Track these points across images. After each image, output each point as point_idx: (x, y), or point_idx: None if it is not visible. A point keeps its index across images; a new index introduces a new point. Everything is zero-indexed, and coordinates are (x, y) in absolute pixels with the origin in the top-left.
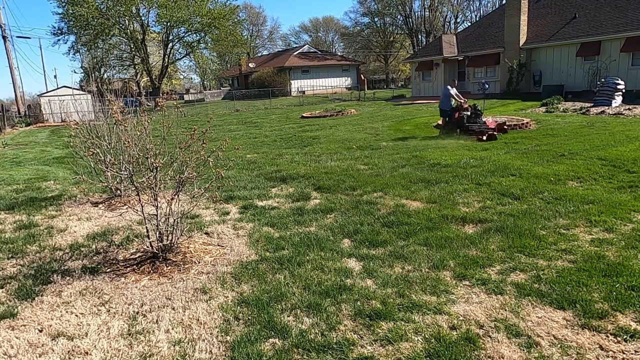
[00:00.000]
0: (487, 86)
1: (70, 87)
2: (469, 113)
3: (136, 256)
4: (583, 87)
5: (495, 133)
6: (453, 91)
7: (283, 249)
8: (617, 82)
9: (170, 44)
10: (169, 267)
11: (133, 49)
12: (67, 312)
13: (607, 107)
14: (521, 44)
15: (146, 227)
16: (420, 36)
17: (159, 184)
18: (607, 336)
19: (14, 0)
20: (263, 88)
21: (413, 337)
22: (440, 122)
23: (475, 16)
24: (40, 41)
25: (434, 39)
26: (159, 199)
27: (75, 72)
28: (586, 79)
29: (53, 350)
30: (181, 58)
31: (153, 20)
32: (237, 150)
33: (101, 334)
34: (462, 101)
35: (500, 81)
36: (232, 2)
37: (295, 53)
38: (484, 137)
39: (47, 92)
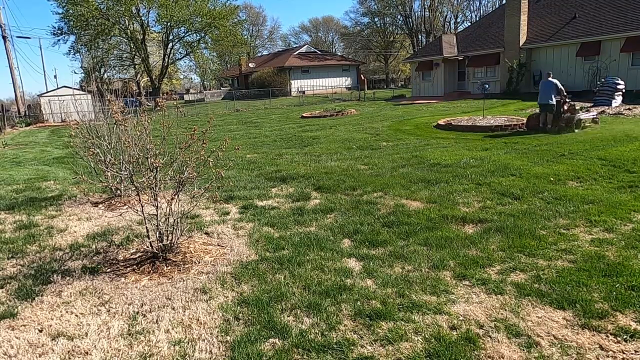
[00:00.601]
0: (487, 86)
1: (71, 87)
2: (575, 105)
3: (136, 256)
4: (583, 87)
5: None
6: (558, 83)
7: (283, 249)
8: (617, 82)
9: (170, 44)
10: (169, 267)
11: (133, 49)
12: (67, 312)
13: (607, 107)
14: (521, 44)
15: (146, 227)
16: (420, 36)
17: (159, 184)
18: (607, 336)
19: (14, 0)
20: (263, 88)
21: (413, 337)
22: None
23: (475, 16)
24: (40, 41)
25: (434, 39)
26: (159, 199)
27: (75, 73)
28: (586, 79)
29: (53, 350)
30: (181, 58)
31: (153, 20)
32: (237, 150)
33: (101, 334)
34: (566, 94)
35: (500, 81)
36: (232, 2)
37: (295, 53)
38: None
39: (47, 92)
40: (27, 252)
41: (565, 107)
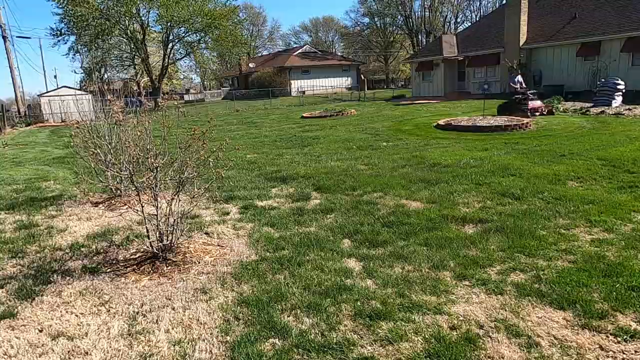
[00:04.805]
0: (486, 87)
1: (71, 87)
2: None
3: (136, 256)
4: (583, 87)
5: None
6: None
7: (283, 249)
8: (617, 82)
9: (171, 44)
10: (169, 267)
11: (133, 49)
12: (67, 312)
13: (607, 107)
14: (521, 44)
15: (146, 227)
16: (420, 36)
17: (159, 184)
18: (607, 336)
19: (14, 0)
20: (263, 88)
21: (413, 337)
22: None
23: (476, 16)
24: (40, 41)
25: (434, 39)
26: (159, 199)
27: (75, 72)
28: (586, 79)
29: (53, 350)
30: (181, 58)
31: (153, 20)
32: (237, 150)
33: (101, 334)
34: None
35: (501, 81)
36: (232, 2)
37: (295, 53)
38: None
39: (47, 92)
40: (27, 252)
41: None
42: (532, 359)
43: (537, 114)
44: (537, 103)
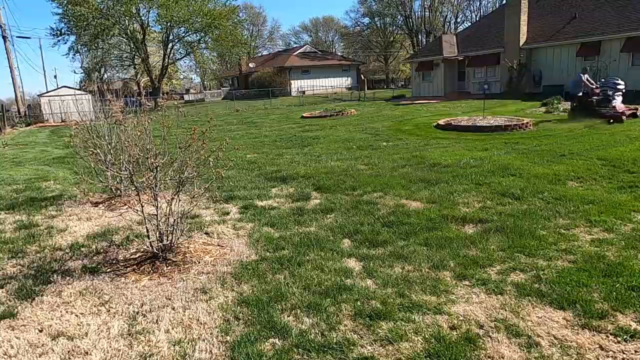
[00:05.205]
0: (486, 87)
1: (71, 87)
2: None
3: (136, 256)
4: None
5: None
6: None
7: (283, 249)
8: (617, 82)
9: (171, 44)
10: (169, 267)
11: (133, 49)
12: (67, 312)
13: None
14: (521, 44)
15: (146, 227)
16: (420, 36)
17: (159, 184)
18: (607, 336)
19: (14, 0)
20: (263, 88)
21: (413, 337)
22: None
23: (476, 16)
24: (40, 41)
25: (434, 39)
26: (159, 199)
27: (75, 73)
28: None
29: (53, 350)
30: (181, 58)
31: (153, 20)
32: (237, 150)
33: (101, 334)
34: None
35: (501, 81)
36: (232, 2)
37: (295, 53)
38: None
39: (47, 92)
40: (27, 252)
41: None
42: (532, 358)
43: (623, 117)
44: (622, 105)
